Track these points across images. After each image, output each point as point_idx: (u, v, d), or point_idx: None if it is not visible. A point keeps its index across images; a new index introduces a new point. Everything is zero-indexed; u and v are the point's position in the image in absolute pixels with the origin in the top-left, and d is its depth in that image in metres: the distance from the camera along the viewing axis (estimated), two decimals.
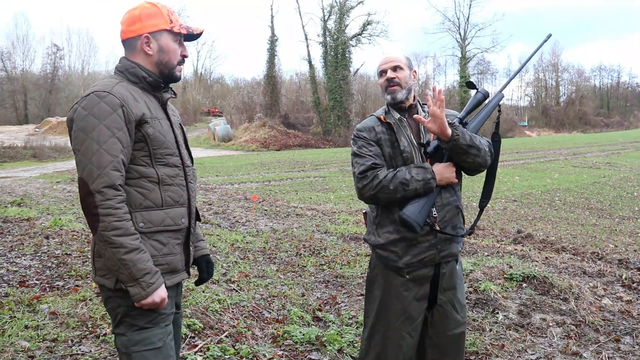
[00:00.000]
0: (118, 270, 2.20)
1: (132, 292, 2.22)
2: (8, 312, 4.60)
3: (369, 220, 3.02)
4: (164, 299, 2.29)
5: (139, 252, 2.21)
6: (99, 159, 2.16)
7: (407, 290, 2.86)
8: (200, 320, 4.48)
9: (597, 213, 11.80)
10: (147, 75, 2.40)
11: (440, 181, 2.75)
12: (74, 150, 2.24)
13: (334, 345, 4.19)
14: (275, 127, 44.34)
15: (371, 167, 2.78)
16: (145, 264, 2.22)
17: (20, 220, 8.92)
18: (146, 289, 2.22)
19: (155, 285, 2.25)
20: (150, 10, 2.40)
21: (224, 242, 7.75)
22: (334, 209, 11.28)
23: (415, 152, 2.83)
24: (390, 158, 2.85)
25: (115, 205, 2.16)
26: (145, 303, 2.24)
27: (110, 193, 2.16)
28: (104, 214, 2.15)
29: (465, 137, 2.67)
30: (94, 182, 2.15)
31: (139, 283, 2.21)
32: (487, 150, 2.81)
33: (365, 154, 2.83)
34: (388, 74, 2.89)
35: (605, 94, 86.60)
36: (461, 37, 61.62)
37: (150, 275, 2.23)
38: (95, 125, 2.18)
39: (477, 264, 6.18)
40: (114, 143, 2.19)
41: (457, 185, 2.92)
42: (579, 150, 30.78)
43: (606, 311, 4.95)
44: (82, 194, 2.19)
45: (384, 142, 2.85)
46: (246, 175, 19.32)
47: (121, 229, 2.17)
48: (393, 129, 2.85)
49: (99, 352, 3.95)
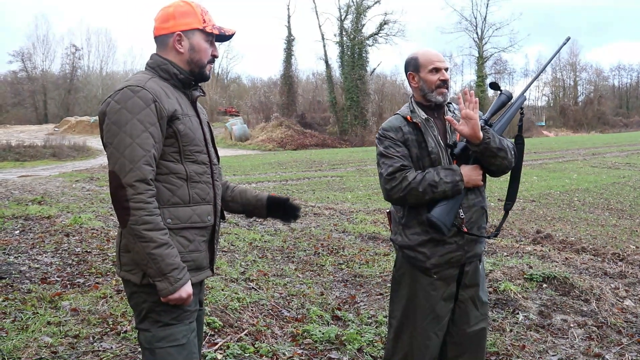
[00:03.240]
0: (146, 265, 2.21)
1: (159, 287, 2.23)
2: (31, 308, 4.65)
3: (394, 220, 2.99)
4: (190, 295, 2.30)
5: (167, 247, 2.22)
6: (131, 153, 2.17)
7: (435, 290, 2.86)
8: (220, 318, 4.50)
9: (617, 214, 11.66)
10: (179, 73, 2.42)
11: (467, 183, 2.74)
12: (106, 144, 2.25)
13: (353, 344, 4.18)
14: (292, 126, 44.35)
15: (400, 169, 2.76)
16: (174, 259, 2.23)
17: (41, 218, 9.02)
18: (174, 284, 2.23)
19: (183, 281, 2.26)
20: (185, 9, 2.42)
21: (242, 240, 7.78)
22: (352, 209, 11.27)
23: (442, 153, 2.81)
24: (417, 159, 2.82)
25: (146, 200, 2.17)
26: (172, 298, 2.25)
27: (142, 187, 2.17)
28: (135, 207, 2.16)
29: (495, 140, 2.67)
30: (126, 175, 2.16)
31: (167, 278, 2.22)
32: (512, 152, 2.81)
33: (392, 154, 2.79)
34: (445, 74, 2.84)
35: (625, 93, 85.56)
36: (478, 36, 61.20)
37: (178, 270, 2.25)
38: (128, 119, 2.20)
39: (496, 264, 6.14)
40: (146, 137, 2.20)
41: (483, 186, 2.91)
42: (598, 151, 30.45)
43: (628, 313, 4.89)
44: (112, 187, 2.20)
45: (411, 143, 2.82)
46: (263, 174, 19.36)
47: (151, 224, 2.18)
48: (420, 129, 2.82)
49: (120, 349, 3.98)
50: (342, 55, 47.21)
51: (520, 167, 2.92)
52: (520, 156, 2.89)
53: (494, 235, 2.95)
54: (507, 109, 2.90)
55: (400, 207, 2.92)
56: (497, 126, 2.83)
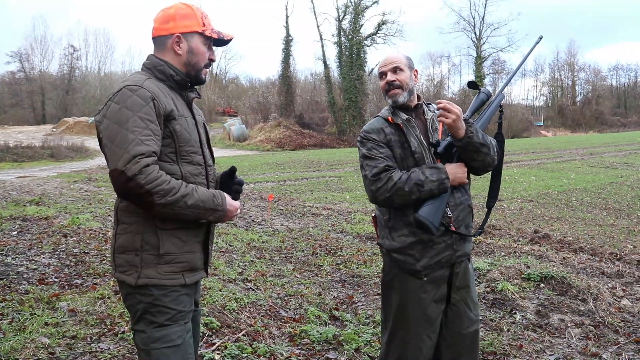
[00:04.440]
0: (196, 216, 2.33)
1: (214, 219, 2.37)
2: (28, 309, 4.65)
3: (380, 224, 2.97)
4: (236, 207, 2.47)
5: (195, 190, 2.30)
6: (135, 148, 2.16)
7: (425, 293, 2.84)
8: (218, 318, 4.50)
9: (615, 213, 11.68)
10: (175, 74, 2.43)
11: (452, 181, 2.74)
12: (105, 145, 2.24)
13: (351, 344, 4.18)
14: (290, 127, 44.39)
15: (384, 169, 2.75)
16: (205, 192, 2.34)
17: (39, 219, 9.01)
18: (223, 207, 2.38)
19: (223, 200, 2.39)
20: (185, 11, 2.44)
21: (240, 241, 7.78)
22: (350, 209, 11.27)
23: (425, 152, 2.81)
24: (401, 159, 2.81)
25: (156, 175, 2.18)
26: (230, 217, 2.45)
27: (149, 169, 2.16)
28: (152, 186, 2.16)
29: (478, 135, 2.69)
30: (130, 168, 2.13)
31: (215, 209, 2.34)
32: (495, 149, 2.82)
33: (376, 155, 2.78)
34: (388, 76, 2.85)
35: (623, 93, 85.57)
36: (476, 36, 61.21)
37: (215, 196, 2.36)
38: (129, 116, 2.20)
39: (494, 263, 6.14)
40: (148, 134, 2.21)
41: (467, 184, 2.91)
42: (596, 150, 30.48)
43: (626, 312, 4.90)
44: (119, 183, 2.17)
45: (394, 144, 2.82)
46: (261, 175, 19.37)
47: (173, 188, 2.22)
48: (402, 129, 2.82)
49: (118, 350, 3.97)
50: (340, 56, 47.23)
51: (501, 165, 2.94)
52: (501, 154, 2.91)
53: (477, 233, 2.95)
54: (487, 107, 2.91)
55: (385, 209, 2.89)
56: (478, 124, 2.83)
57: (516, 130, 57.79)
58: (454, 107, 2.62)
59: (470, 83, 2.89)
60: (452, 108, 2.62)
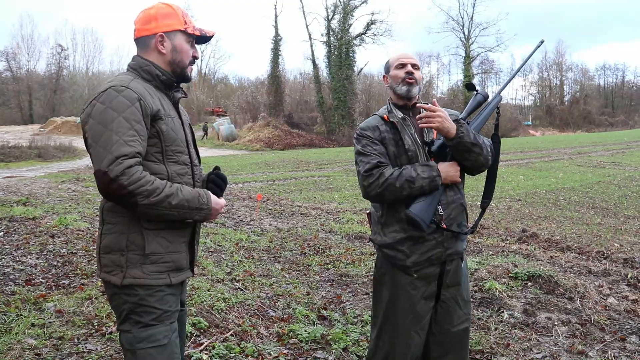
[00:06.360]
0: (181, 216, 2.31)
1: (199, 218, 2.36)
2: (15, 310, 4.61)
3: (374, 220, 3.02)
4: (222, 205, 2.47)
5: (180, 190, 2.29)
6: (118, 149, 2.15)
7: (415, 289, 2.87)
8: (206, 318, 4.49)
9: (602, 212, 11.77)
10: (161, 74, 2.44)
11: (445, 180, 2.77)
12: (90, 145, 2.23)
13: (339, 343, 4.19)
14: (279, 126, 44.40)
15: (377, 165, 2.79)
16: (191, 192, 2.34)
17: (26, 219, 8.94)
18: (208, 206, 2.38)
19: (208, 198, 2.39)
20: (166, 11, 2.45)
21: (228, 241, 7.76)
22: (339, 208, 11.28)
23: (419, 151, 2.84)
24: (394, 157, 2.85)
25: (139, 176, 2.16)
26: (215, 215, 2.44)
27: (132, 170, 2.15)
28: (135, 187, 2.15)
29: (469, 135, 2.71)
30: (113, 169, 2.12)
31: (200, 208, 2.34)
32: (489, 149, 2.84)
33: (370, 152, 2.83)
34: (409, 67, 2.90)
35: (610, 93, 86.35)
36: (465, 36, 61.54)
37: (201, 195, 2.36)
38: (114, 117, 2.19)
39: (482, 262, 6.17)
40: (132, 135, 2.20)
41: (461, 184, 2.93)
42: (584, 150, 30.70)
43: (612, 310, 4.93)
44: (102, 184, 2.16)
45: (388, 141, 2.86)
46: (250, 174, 19.34)
47: (157, 188, 2.21)
48: (397, 128, 2.86)
49: (105, 350, 3.95)
50: (329, 55, 47.31)
51: (496, 166, 2.96)
52: (497, 155, 2.93)
53: (470, 231, 2.97)
54: (483, 109, 2.94)
55: (379, 206, 2.94)
56: (473, 125, 2.87)
57: (505, 130, 58.06)
58: (435, 112, 2.67)
59: (468, 85, 2.96)
60: (433, 113, 2.67)
